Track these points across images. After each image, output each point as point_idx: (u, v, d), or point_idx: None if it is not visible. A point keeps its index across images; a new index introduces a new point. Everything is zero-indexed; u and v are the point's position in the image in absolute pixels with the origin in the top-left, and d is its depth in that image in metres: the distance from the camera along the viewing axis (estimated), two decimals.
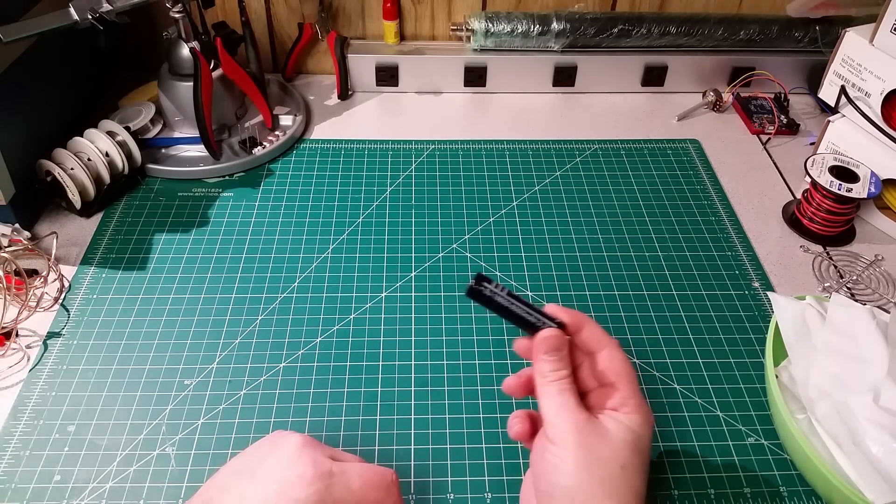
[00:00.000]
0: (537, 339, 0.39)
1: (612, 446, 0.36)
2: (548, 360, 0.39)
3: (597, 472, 0.35)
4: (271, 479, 0.37)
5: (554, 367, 0.38)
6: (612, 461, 0.36)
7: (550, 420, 0.37)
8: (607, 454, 0.36)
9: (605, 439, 0.36)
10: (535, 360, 0.39)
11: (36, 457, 0.47)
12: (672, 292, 0.59)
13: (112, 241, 0.63)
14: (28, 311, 0.56)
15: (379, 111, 0.82)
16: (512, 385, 0.41)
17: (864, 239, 0.66)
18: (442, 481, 0.46)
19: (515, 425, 0.40)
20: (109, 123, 0.67)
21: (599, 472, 0.35)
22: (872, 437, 0.43)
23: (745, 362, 0.54)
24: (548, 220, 0.66)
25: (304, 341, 0.55)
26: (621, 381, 0.38)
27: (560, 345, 0.39)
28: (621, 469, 0.36)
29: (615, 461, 0.36)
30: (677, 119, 0.82)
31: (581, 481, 0.35)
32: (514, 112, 0.82)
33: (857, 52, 0.65)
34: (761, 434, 0.49)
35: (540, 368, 0.39)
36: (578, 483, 0.35)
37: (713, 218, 0.67)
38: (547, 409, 0.38)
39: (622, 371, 0.39)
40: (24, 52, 0.63)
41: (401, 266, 0.61)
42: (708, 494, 0.46)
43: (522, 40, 0.80)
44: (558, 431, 0.36)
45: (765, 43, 0.82)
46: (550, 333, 0.39)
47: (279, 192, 0.69)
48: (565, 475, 0.36)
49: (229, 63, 0.70)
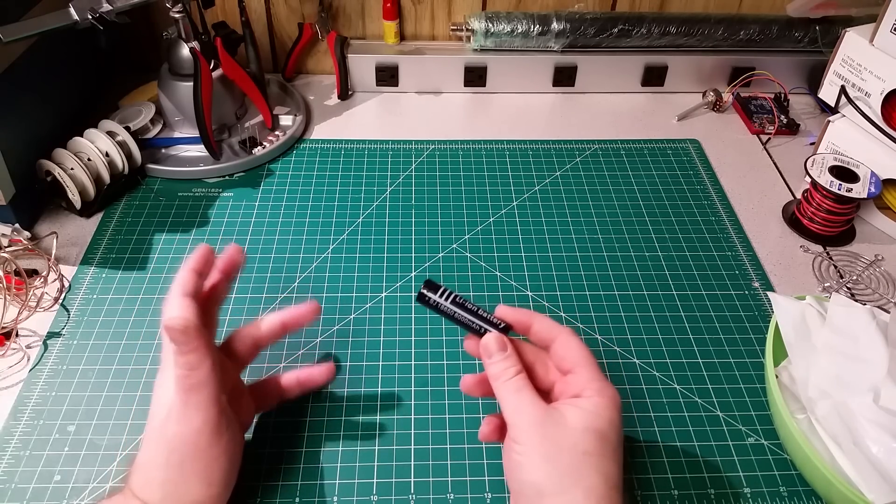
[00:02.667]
0: (480, 345, 0.40)
1: (573, 434, 0.36)
2: (495, 363, 0.39)
3: (560, 462, 0.36)
4: None
5: (504, 367, 0.39)
6: (574, 449, 0.36)
7: (511, 420, 0.38)
8: (568, 443, 0.36)
9: (565, 428, 0.36)
10: (485, 366, 0.40)
11: (36, 457, 0.47)
12: (672, 292, 0.59)
13: (112, 241, 0.63)
14: (28, 311, 0.56)
15: (379, 111, 0.82)
16: (469, 383, 0.42)
17: (864, 239, 0.66)
18: (442, 481, 0.46)
19: (483, 427, 0.41)
20: (109, 123, 0.67)
21: (563, 462, 0.36)
22: (872, 437, 0.43)
23: (745, 362, 0.54)
24: (548, 220, 0.66)
25: (304, 341, 0.55)
26: (580, 366, 0.39)
27: (502, 346, 0.40)
28: (585, 455, 0.36)
29: (576, 448, 0.36)
30: (677, 119, 0.82)
31: (546, 474, 0.35)
32: (514, 112, 0.82)
33: (857, 52, 0.65)
34: (761, 434, 0.49)
35: (491, 372, 0.39)
36: (544, 476, 0.36)
37: (713, 218, 0.67)
38: (507, 410, 0.38)
39: (578, 356, 0.39)
40: (24, 52, 0.63)
41: (401, 266, 0.61)
42: (708, 494, 0.46)
43: (522, 40, 0.80)
44: (519, 429, 0.37)
45: (765, 43, 0.82)
46: (490, 338, 0.40)
47: (279, 192, 0.69)
48: (531, 471, 0.36)
49: (229, 63, 0.70)
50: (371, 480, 0.46)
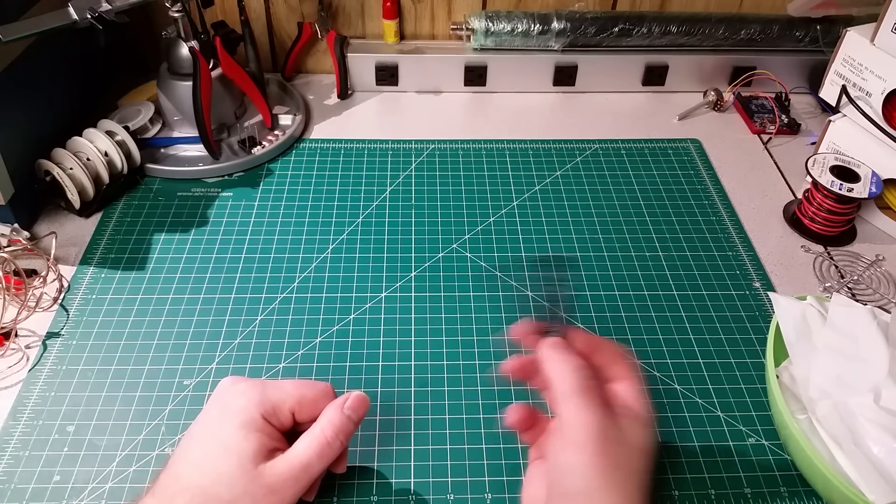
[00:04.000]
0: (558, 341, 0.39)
1: (630, 451, 0.36)
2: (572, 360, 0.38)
3: (617, 476, 0.35)
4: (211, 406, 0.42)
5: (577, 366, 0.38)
6: (629, 466, 0.36)
7: (573, 422, 0.36)
8: (625, 459, 0.36)
9: (624, 444, 0.36)
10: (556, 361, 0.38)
11: (35, 457, 0.46)
12: (672, 292, 0.59)
13: (111, 241, 0.63)
14: (27, 312, 0.56)
15: (379, 111, 0.82)
16: (514, 365, 0.41)
17: (865, 239, 0.66)
18: (442, 481, 0.46)
19: (513, 413, 0.40)
20: (108, 123, 0.67)
21: (619, 477, 0.35)
22: (873, 437, 0.43)
23: (746, 362, 0.54)
24: (548, 220, 0.66)
25: (303, 341, 0.54)
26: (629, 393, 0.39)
27: None
28: (637, 473, 0.36)
29: (632, 465, 0.36)
30: (678, 119, 0.81)
31: (600, 485, 0.35)
32: (514, 112, 0.82)
33: (858, 52, 0.65)
34: (762, 434, 0.49)
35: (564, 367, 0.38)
36: (598, 486, 0.35)
37: (714, 218, 0.67)
38: (570, 409, 0.36)
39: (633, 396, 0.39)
40: (23, 52, 0.63)
41: (401, 266, 0.61)
42: (708, 495, 0.45)
43: (523, 40, 0.80)
44: (579, 432, 0.36)
45: (766, 42, 0.82)
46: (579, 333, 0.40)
47: (279, 192, 0.69)
48: (584, 477, 0.35)
49: (228, 62, 0.70)
50: (371, 481, 0.46)
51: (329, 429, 0.41)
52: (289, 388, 0.42)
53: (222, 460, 0.38)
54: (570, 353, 0.39)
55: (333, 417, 0.41)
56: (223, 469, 0.38)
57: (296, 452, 0.40)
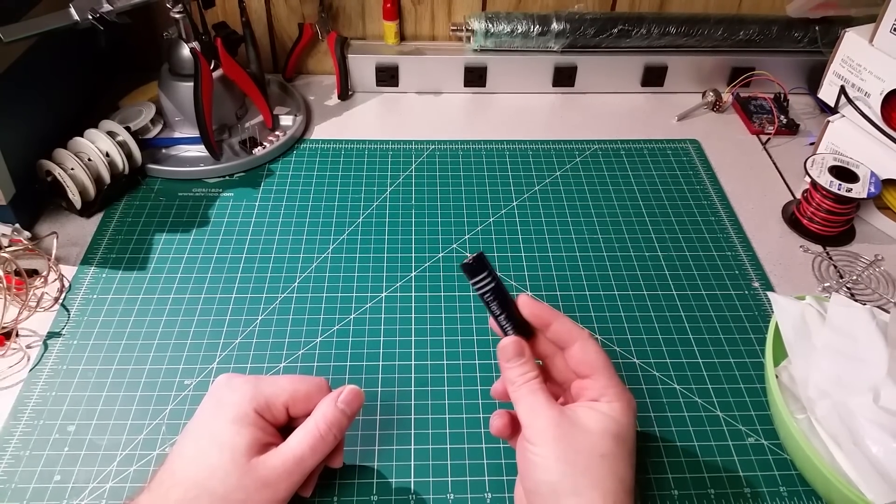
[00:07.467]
0: (498, 348, 0.41)
1: (590, 437, 0.37)
2: (512, 367, 0.40)
3: (577, 463, 0.36)
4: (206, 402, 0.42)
5: (520, 372, 0.40)
6: (591, 451, 0.36)
7: (526, 422, 0.38)
8: (585, 445, 0.36)
9: (582, 431, 0.37)
10: (502, 369, 0.40)
11: (36, 457, 0.47)
12: (672, 292, 0.59)
13: (112, 241, 0.63)
14: (28, 311, 0.56)
15: (379, 111, 0.82)
16: (500, 390, 0.43)
17: (863, 239, 0.66)
18: (442, 481, 0.46)
19: (495, 420, 0.42)
20: (110, 123, 0.67)
21: (580, 464, 0.36)
22: (872, 437, 0.43)
23: (745, 362, 0.54)
24: (548, 220, 0.66)
25: (304, 341, 0.55)
26: (597, 372, 0.39)
27: (519, 351, 0.40)
28: (601, 458, 0.36)
29: (594, 451, 0.36)
30: (677, 119, 0.82)
31: (563, 474, 0.36)
32: (514, 112, 0.82)
33: (857, 53, 0.65)
34: (761, 434, 0.49)
35: (507, 376, 0.40)
36: (561, 476, 0.36)
37: (713, 218, 0.67)
38: (522, 412, 0.39)
39: (596, 362, 0.39)
40: (25, 53, 0.63)
41: (401, 266, 0.61)
42: (708, 494, 0.46)
43: (522, 40, 0.80)
44: (535, 430, 0.37)
45: (764, 43, 0.82)
46: (508, 342, 0.40)
47: (279, 193, 0.69)
48: (547, 471, 0.36)
49: (230, 63, 0.70)
50: (371, 480, 0.46)
51: (322, 422, 0.41)
52: (283, 382, 0.42)
53: (215, 455, 0.39)
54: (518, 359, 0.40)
55: (327, 411, 0.41)
56: (216, 463, 0.38)
57: (289, 446, 0.40)
